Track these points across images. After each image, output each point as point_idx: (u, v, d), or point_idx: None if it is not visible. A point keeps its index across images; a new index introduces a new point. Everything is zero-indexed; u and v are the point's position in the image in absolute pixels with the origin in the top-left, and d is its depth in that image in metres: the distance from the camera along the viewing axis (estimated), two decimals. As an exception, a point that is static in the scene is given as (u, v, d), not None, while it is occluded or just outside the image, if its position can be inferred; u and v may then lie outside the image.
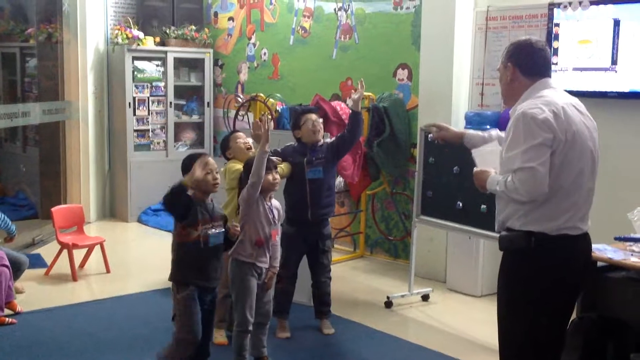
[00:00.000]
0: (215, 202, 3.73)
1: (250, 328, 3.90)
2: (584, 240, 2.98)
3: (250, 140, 4.46)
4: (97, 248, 6.20)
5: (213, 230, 3.59)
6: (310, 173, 4.60)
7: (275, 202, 4.06)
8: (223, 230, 3.65)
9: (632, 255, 3.59)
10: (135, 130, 8.27)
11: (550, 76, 3.04)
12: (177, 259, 3.62)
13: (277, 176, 4.04)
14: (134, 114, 8.22)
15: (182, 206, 3.52)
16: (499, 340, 3.11)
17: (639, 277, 3.50)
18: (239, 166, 4.30)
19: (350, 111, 4.92)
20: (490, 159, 3.13)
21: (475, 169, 3.13)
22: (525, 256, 2.92)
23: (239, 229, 3.76)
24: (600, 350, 3.56)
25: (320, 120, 4.76)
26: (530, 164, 2.77)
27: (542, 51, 3.04)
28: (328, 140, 4.83)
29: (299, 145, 4.68)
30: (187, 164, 3.65)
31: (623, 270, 3.54)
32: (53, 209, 6.22)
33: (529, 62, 3.00)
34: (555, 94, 2.96)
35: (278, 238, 4.09)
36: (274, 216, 3.98)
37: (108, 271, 6.14)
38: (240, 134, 4.62)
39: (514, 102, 3.03)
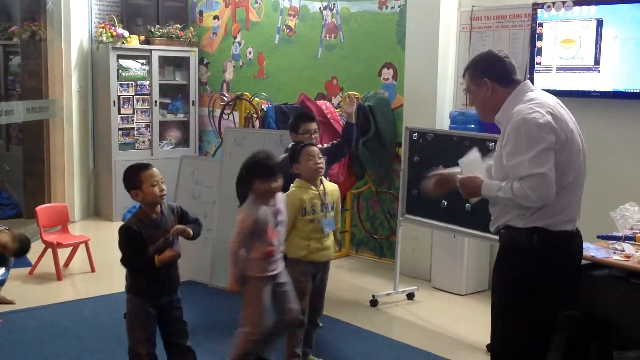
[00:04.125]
0: (165, 207, 3.52)
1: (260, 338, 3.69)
2: (578, 237, 3.04)
3: (322, 162, 4.04)
4: (82, 247, 6.17)
5: (177, 247, 3.47)
6: None
7: (279, 198, 3.73)
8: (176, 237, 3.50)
9: (614, 253, 3.62)
10: (120, 129, 8.23)
11: (521, 80, 3.06)
12: (131, 272, 3.52)
13: (280, 182, 3.68)
14: (119, 113, 8.19)
15: (143, 261, 3.41)
16: (492, 336, 3.13)
17: (621, 275, 3.53)
18: (305, 196, 3.95)
19: (345, 123, 4.96)
20: (474, 166, 3.14)
21: (461, 177, 3.11)
22: (526, 253, 2.94)
23: (184, 228, 3.53)
24: (584, 349, 3.59)
25: (317, 134, 4.62)
26: (539, 170, 2.78)
27: (506, 58, 3.08)
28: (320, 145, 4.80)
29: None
30: (132, 180, 3.46)
31: (606, 268, 3.56)
32: (37, 208, 6.19)
33: (502, 73, 3.03)
34: (541, 94, 3.00)
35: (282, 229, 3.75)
36: (279, 217, 3.69)
37: (93, 270, 6.12)
38: (316, 150, 4.04)
39: (494, 114, 3.05)
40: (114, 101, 8.11)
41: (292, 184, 4.05)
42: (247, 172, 3.66)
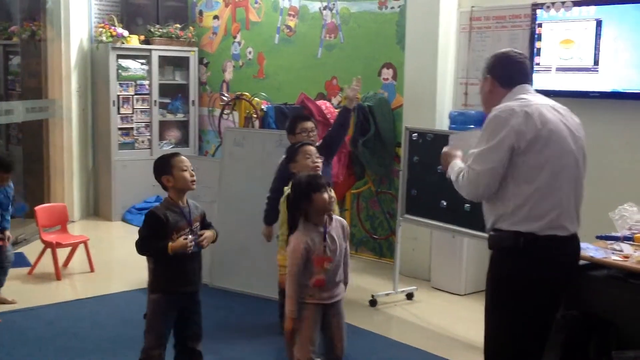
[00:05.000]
0: (190, 202, 3.58)
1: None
2: (572, 243, 3.02)
3: (320, 162, 4.03)
4: (81, 247, 6.17)
5: (191, 236, 3.45)
6: None
7: (336, 220, 3.51)
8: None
9: (613, 253, 3.62)
10: (120, 129, 8.24)
11: (528, 83, 3.09)
12: (155, 266, 3.50)
13: (332, 194, 3.51)
14: (118, 113, 8.19)
15: (155, 246, 3.40)
16: (484, 336, 3.14)
17: (620, 275, 3.54)
18: None
19: (343, 107, 4.96)
20: (461, 143, 3.21)
21: (444, 149, 3.24)
22: (513, 255, 2.95)
23: (206, 238, 3.51)
24: (583, 348, 3.59)
25: (314, 132, 4.62)
26: (475, 167, 2.89)
27: (519, 63, 3.11)
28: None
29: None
30: (163, 166, 3.50)
31: (605, 268, 3.57)
32: (36, 208, 6.18)
33: (506, 74, 3.07)
34: (532, 96, 3.02)
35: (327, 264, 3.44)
36: (326, 242, 3.39)
37: (92, 270, 6.12)
38: (313, 149, 4.05)
39: (490, 109, 3.08)
40: (114, 101, 8.12)
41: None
42: (304, 188, 3.38)
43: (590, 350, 3.59)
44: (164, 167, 3.51)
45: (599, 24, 4.79)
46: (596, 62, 4.81)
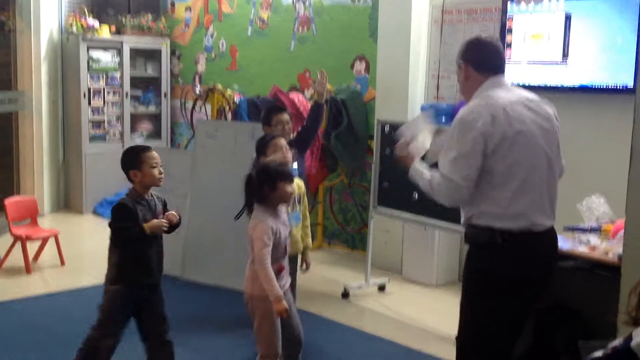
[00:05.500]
0: (154, 194, 3.57)
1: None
2: (549, 236, 3.04)
3: (290, 155, 4.02)
4: (52, 240, 6.11)
5: (164, 228, 3.46)
6: None
7: (283, 213, 3.56)
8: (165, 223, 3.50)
9: (580, 244, 3.68)
10: (91, 121, 8.16)
11: (502, 72, 3.07)
12: (121, 257, 3.49)
13: (293, 188, 3.57)
14: (89, 105, 8.11)
15: (133, 231, 3.39)
16: (459, 329, 3.17)
17: (587, 267, 3.59)
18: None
19: (314, 102, 4.97)
20: (416, 127, 3.26)
21: (398, 147, 3.25)
22: (490, 250, 2.97)
23: (176, 215, 3.54)
24: (550, 339, 3.65)
25: (289, 125, 4.62)
26: (453, 177, 2.89)
27: (490, 44, 3.11)
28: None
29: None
30: (132, 160, 3.48)
31: (572, 259, 3.62)
32: (6, 201, 6.11)
33: (479, 57, 3.06)
34: (503, 93, 2.98)
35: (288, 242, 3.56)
36: (287, 228, 3.53)
37: (62, 264, 6.07)
38: (283, 142, 4.04)
39: (470, 98, 3.08)
40: (84, 93, 8.03)
41: None
42: (272, 174, 3.41)
43: (558, 341, 3.65)
44: (132, 161, 3.48)
45: (568, 18, 4.84)
46: (565, 56, 4.87)
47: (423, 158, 3.28)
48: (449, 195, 2.95)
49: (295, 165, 4.37)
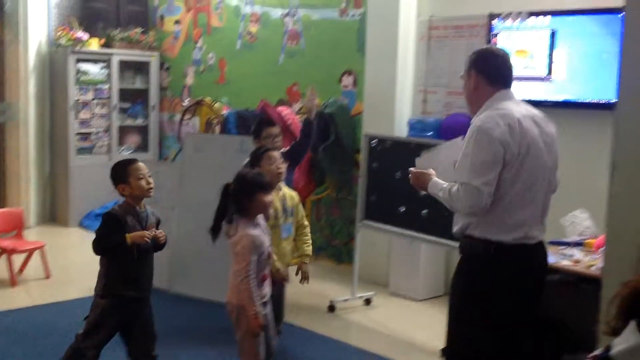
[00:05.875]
0: (148, 208, 3.60)
1: None
2: (540, 249, 3.08)
3: (284, 168, 4.02)
4: (37, 253, 6.08)
5: (147, 240, 3.45)
6: None
7: (262, 221, 3.58)
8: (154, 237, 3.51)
9: (564, 258, 3.71)
10: (78, 134, 8.14)
11: (510, 87, 3.10)
12: (108, 269, 3.49)
13: (272, 198, 3.61)
14: (77, 117, 8.10)
15: (114, 240, 3.40)
16: (446, 341, 3.17)
17: (571, 280, 3.63)
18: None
19: (305, 118, 5.01)
20: (429, 163, 3.23)
21: (412, 169, 3.24)
22: (483, 262, 2.99)
23: (163, 234, 3.53)
24: (536, 351, 3.67)
25: (279, 138, 4.64)
26: (475, 183, 2.87)
27: (503, 58, 3.12)
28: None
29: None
30: (119, 174, 3.51)
31: (557, 273, 3.66)
32: (-8, 213, 6.09)
33: (491, 70, 3.06)
34: (514, 106, 3.02)
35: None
36: (268, 237, 3.55)
37: (48, 276, 6.04)
38: (277, 155, 4.04)
39: (477, 109, 3.08)
40: (72, 105, 8.02)
41: None
42: (251, 185, 3.43)
43: (544, 354, 3.68)
44: (120, 175, 3.51)
45: (553, 34, 4.90)
46: (550, 72, 4.92)
47: None
48: (468, 201, 2.90)
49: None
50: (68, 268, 6.47)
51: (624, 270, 1.22)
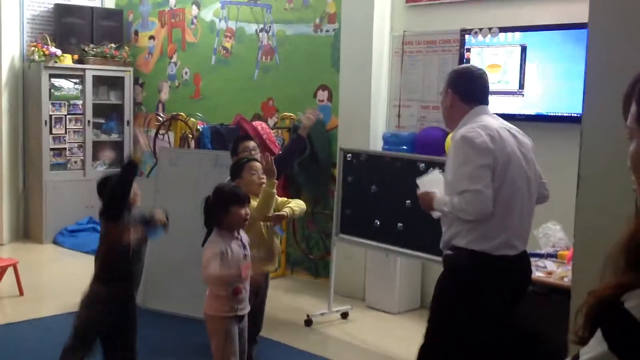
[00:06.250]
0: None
1: None
2: (522, 260, 3.13)
3: (265, 179, 3.97)
4: (10, 270, 6.01)
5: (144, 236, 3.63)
6: None
7: (242, 234, 3.63)
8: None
9: (537, 270, 3.76)
10: (52, 149, 8.08)
11: (487, 103, 3.21)
12: (100, 268, 3.58)
13: (248, 211, 3.59)
14: (50, 133, 8.04)
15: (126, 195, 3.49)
16: (423, 351, 3.19)
17: (544, 291, 3.67)
18: (253, 203, 3.81)
19: (297, 135, 5.04)
20: (431, 185, 3.27)
21: (419, 192, 3.27)
22: (466, 274, 3.03)
23: (164, 218, 3.66)
24: (510, 362, 3.70)
25: (256, 151, 4.61)
26: (475, 187, 2.92)
27: (480, 79, 3.23)
28: None
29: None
30: (104, 186, 3.60)
31: (530, 284, 3.69)
32: (-37, 230, 6.01)
33: (467, 90, 3.17)
34: (491, 119, 3.12)
35: (248, 271, 3.59)
36: (245, 250, 3.55)
37: (21, 294, 5.96)
38: (259, 165, 4.05)
39: (454, 125, 3.19)
40: (46, 121, 7.96)
41: None
42: (225, 198, 3.48)
43: (517, 365, 3.70)
44: (105, 188, 3.60)
45: (523, 49, 4.99)
46: (521, 86, 5.00)
47: None
48: (474, 205, 2.92)
49: None
50: (42, 285, 6.40)
51: (593, 280, 1.24)
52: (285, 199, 4.32)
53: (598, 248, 2.76)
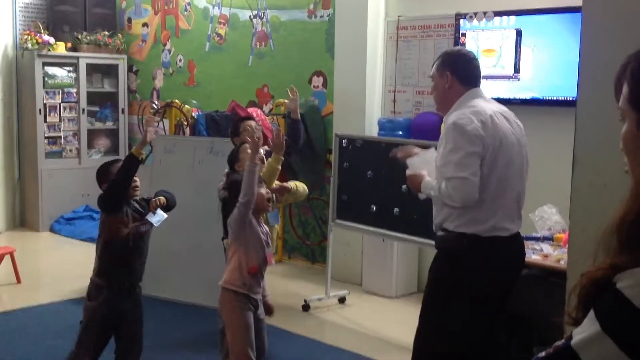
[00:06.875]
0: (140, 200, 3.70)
1: None
2: (515, 242, 3.13)
3: (262, 151, 4.03)
4: (7, 258, 6.02)
5: (143, 227, 3.60)
6: None
7: (264, 226, 3.69)
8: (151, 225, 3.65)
9: (533, 253, 3.78)
10: (46, 138, 8.06)
11: (479, 86, 3.20)
12: (101, 261, 3.57)
13: (269, 191, 3.66)
14: (45, 121, 8.02)
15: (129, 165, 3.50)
16: (418, 336, 3.21)
17: (540, 274, 3.70)
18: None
19: (290, 120, 5.01)
20: (422, 166, 3.27)
21: (408, 172, 3.28)
22: (458, 256, 3.05)
23: (162, 200, 3.66)
24: (505, 346, 3.73)
25: (260, 130, 4.64)
26: (462, 174, 2.92)
27: (474, 61, 3.24)
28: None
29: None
30: (102, 174, 3.60)
31: (526, 267, 3.72)
32: (-41, 219, 6.01)
33: (465, 71, 3.16)
34: (484, 103, 3.11)
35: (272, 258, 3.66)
36: (267, 238, 3.61)
37: (19, 281, 5.97)
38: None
39: (448, 108, 3.17)
40: (40, 109, 7.94)
41: None
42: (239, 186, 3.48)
43: (512, 348, 3.74)
44: (104, 176, 3.59)
45: (518, 33, 4.98)
46: (517, 70, 5.00)
47: None
48: (460, 191, 2.94)
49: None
50: (39, 273, 6.42)
51: (588, 262, 1.26)
52: (280, 183, 4.32)
53: (593, 230, 2.79)
